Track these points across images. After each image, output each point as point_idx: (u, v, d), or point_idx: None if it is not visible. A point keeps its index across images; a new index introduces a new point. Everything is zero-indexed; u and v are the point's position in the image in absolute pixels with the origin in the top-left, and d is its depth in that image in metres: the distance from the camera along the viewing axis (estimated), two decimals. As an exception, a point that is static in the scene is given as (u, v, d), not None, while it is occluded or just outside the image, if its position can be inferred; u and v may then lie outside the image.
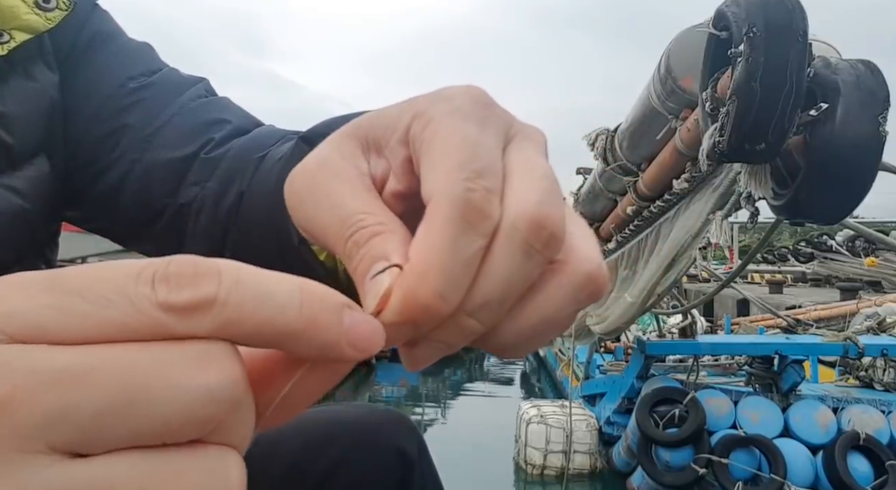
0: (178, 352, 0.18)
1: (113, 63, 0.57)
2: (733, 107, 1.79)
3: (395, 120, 0.27)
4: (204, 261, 0.19)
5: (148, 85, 0.57)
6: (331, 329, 0.20)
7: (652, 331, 5.62)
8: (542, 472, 4.40)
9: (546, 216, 0.23)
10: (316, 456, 0.64)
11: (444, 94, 0.27)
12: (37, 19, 0.51)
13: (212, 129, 0.56)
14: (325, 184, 0.26)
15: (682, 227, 2.56)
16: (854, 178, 1.89)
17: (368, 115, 0.29)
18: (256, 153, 0.53)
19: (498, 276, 0.23)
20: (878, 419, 3.39)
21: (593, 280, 0.25)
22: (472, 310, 0.23)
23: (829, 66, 1.94)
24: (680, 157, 2.42)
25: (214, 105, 0.59)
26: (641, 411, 3.50)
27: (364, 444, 0.65)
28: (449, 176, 0.24)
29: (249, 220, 0.52)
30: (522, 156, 0.26)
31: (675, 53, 2.29)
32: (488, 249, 0.23)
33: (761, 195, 2.02)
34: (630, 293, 3.03)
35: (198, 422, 0.18)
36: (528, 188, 0.24)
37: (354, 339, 0.21)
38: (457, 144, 0.24)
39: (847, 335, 3.76)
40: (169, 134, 0.56)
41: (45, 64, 0.54)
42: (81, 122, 0.56)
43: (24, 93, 0.51)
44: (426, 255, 0.23)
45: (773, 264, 12.74)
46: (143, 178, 0.55)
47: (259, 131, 0.57)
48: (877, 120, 1.88)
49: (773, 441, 3.34)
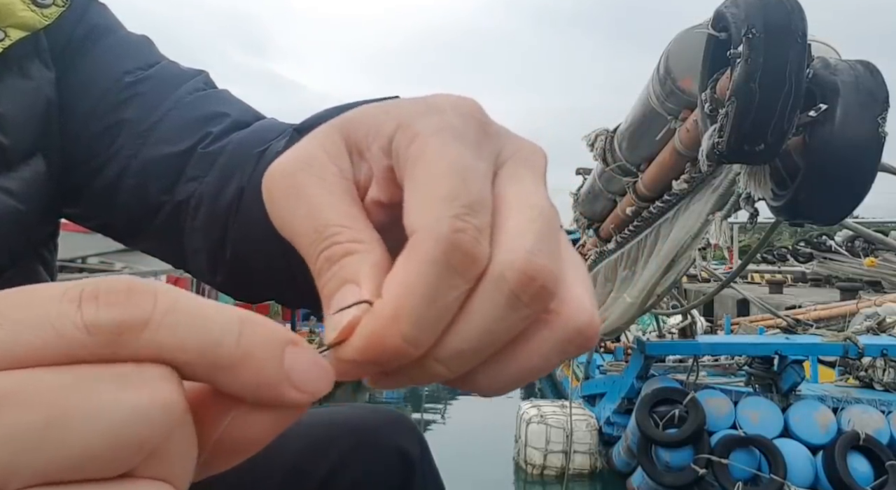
0: (104, 372, 0.17)
1: (110, 57, 0.56)
2: (732, 108, 1.79)
3: (378, 125, 0.25)
4: (141, 282, 0.18)
5: (145, 78, 0.56)
6: (269, 366, 0.19)
7: (652, 331, 5.62)
8: (542, 473, 4.40)
9: (538, 268, 0.21)
10: (317, 457, 0.63)
11: (434, 105, 0.25)
12: (33, 16, 0.50)
13: (210, 123, 0.54)
14: (304, 186, 0.24)
15: (681, 228, 2.56)
16: (853, 179, 1.89)
17: (356, 111, 0.27)
18: (257, 147, 0.52)
19: (477, 326, 0.22)
20: (877, 419, 3.39)
21: (583, 333, 0.23)
22: (442, 358, 0.22)
23: (828, 66, 1.94)
24: (679, 157, 2.43)
25: (213, 98, 0.57)
26: (641, 411, 3.49)
27: (365, 444, 0.65)
28: (435, 209, 0.21)
29: (250, 216, 0.50)
30: (516, 189, 0.24)
31: (675, 54, 2.29)
32: (470, 294, 0.22)
33: (761, 196, 2.02)
34: (629, 293, 3.03)
35: (125, 447, 0.17)
36: (520, 232, 0.22)
37: (298, 381, 0.19)
38: (445, 171, 0.22)
39: (847, 335, 3.76)
40: (166, 128, 0.54)
41: (42, 61, 0.53)
42: (79, 117, 0.55)
43: (19, 92, 0.50)
44: (400, 296, 0.21)
45: (773, 264, 12.74)
46: (140, 173, 0.54)
47: (260, 125, 0.56)
48: (876, 121, 1.89)
49: (773, 441, 3.34)
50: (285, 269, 0.48)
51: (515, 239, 0.22)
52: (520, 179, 0.24)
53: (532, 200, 0.23)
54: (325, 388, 0.20)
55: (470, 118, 0.25)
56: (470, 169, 0.23)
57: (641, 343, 3.82)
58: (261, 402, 0.20)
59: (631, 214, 3.20)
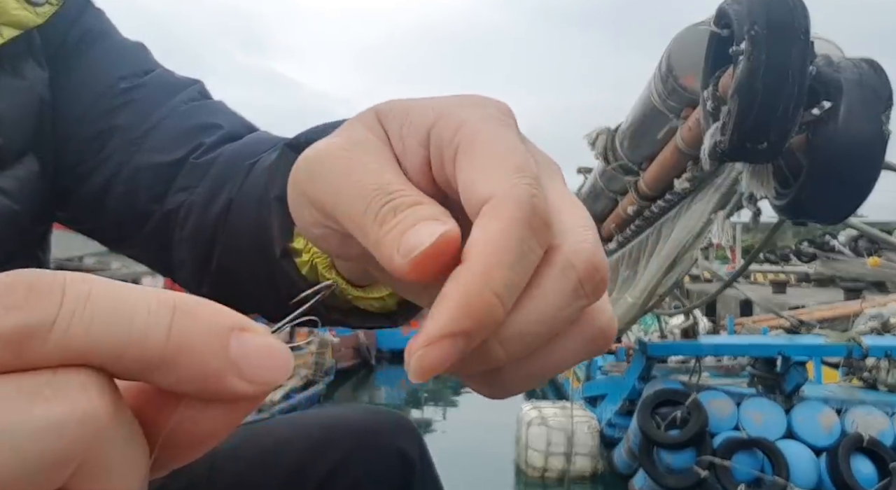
0: (12, 385, 0.15)
1: (104, 62, 0.56)
2: (735, 105, 1.77)
3: (414, 117, 0.25)
4: (45, 275, 0.16)
5: (139, 85, 0.56)
6: (211, 358, 0.17)
7: (654, 331, 5.59)
8: (543, 475, 4.38)
9: (602, 261, 0.23)
10: (317, 459, 0.63)
11: (473, 101, 0.26)
12: (27, 14, 0.50)
13: (203, 134, 0.55)
14: (363, 160, 0.24)
15: (683, 227, 2.54)
16: (857, 178, 1.87)
17: (384, 107, 0.27)
18: (247, 160, 0.51)
19: (542, 309, 0.22)
20: (881, 421, 3.36)
21: (605, 334, 0.24)
22: (505, 338, 0.22)
23: (831, 64, 1.92)
24: (681, 156, 2.40)
25: (207, 109, 0.58)
26: (643, 413, 3.47)
27: (365, 446, 0.64)
28: (511, 177, 0.22)
29: (237, 228, 0.50)
30: (560, 191, 0.25)
31: (677, 51, 2.27)
32: (535, 280, 0.22)
33: (763, 195, 2.00)
34: (631, 294, 3.01)
35: (41, 468, 0.15)
36: (583, 228, 0.23)
37: (247, 371, 0.17)
38: (507, 148, 0.23)
39: (850, 336, 3.73)
40: (158, 137, 0.54)
41: (35, 61, 0.53)
42: (70, 121, 0.54)
43: (12, 91, 0.50)
44: (490, 254, 0.21)
45: (776, 264, 12.71)
46: (130, 181, 0.54)
47: (251, 137, 0.56)
48: (880, 119, 1.86)
49: (776, 443, 3.32)
50: (269, 280, 0.47)
51: (580, 231, 0.23)
52: (555, 182, 0.25)
53: (575, 201, 0.24)
54: (281, 376, 0.18)
55: (509, 115, 0.26)
56: (526, 152, 0.23)
57: (643, 344, 3.80)
58: (207, 398, 0.18)
59: (632, 214, 3.18)
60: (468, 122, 0.24)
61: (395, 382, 9.65)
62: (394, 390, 9.23)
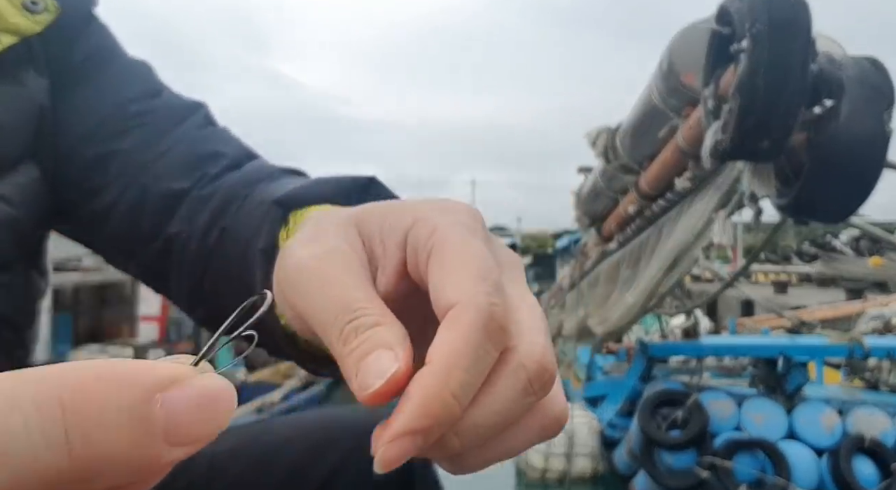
0: None
1: (113, 83, 0.57)
2: (736, 104, 1.76)
3: (393, 221, 0.28)
4: None
5: (150, 110, 0.57)
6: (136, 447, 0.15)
7: (655, 331, 5.58)
8: (544, 476, 4.37)
9: (550, 362, 0.25)
10: (317, 459, 0.63)
11: (446, 207, 0.29)
12: (25, 22, 0.51)
13: (207, 164, 0.55)
14: (334, 273, 0.27)
15: (684, 227, 2.53)
16: (859, 176, 1.86)
17: (367, 210, 0.30)
18: (244, 190, 0.53)
19: (495, 404, 0.24)
20: (883, 421, 3.35)
21: (559, 421, 0.27)
22: (461, 430, 0.24)
23: (833, 62, 1.91)
24: (682, 155, 2.39)
25: (212, 137, 0.58)
26: (644, 414, 3.46)
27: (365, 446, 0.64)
28: (473, 285, 0.24)
29: (227, 256, 0.51)
30: (519, 292, 0.27)
31: (678, 50, 2.26)
32: (491, 379, 0.24)
33: (765, 194, 1.99)
34: (632, 294, 2.99)
35: None
36: (536, 328, 0.26)
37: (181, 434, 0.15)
38: (473, 256, 0.26)
39: (852, 336, 3.72)
40: (165, 165, 0.55)
41: (35, 69, 0.53)
42: (75, 138, 0.55)
43: (11, 98, 0.51)
44: (450, 358, 0.23)
45: (778, 264, 12.69)
46: (134, 205, 0.55)
47: (250, 166, 0.57)
48: (882, 117, 1.85)
49: (778, 443, 3.31)
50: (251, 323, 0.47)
51: (533, 333, 0.25)
52: (516, 284, 0.28)
53: (532, 303, 0.27)
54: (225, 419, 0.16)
55: (478, 221, 0.28)
56: (489, 259, 0.26)
57: (644, 344, 3.78)
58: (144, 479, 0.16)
59: (633, 213, 3.17)
60: (440, 228, 0.27)
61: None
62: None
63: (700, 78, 2.05)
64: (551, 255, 20.64)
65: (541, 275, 18.74)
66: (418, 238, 0.27)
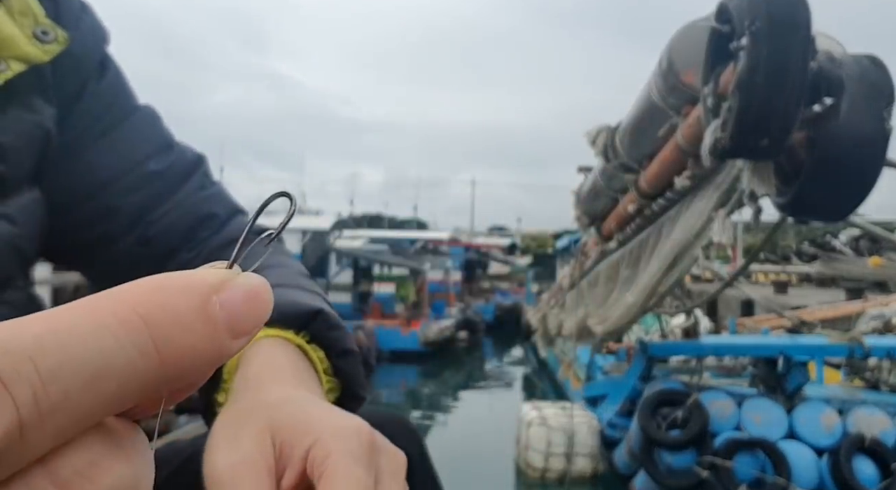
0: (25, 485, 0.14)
1: (133, 138, 0.61)
2: (735, 102, 1.75)
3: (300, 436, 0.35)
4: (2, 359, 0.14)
5: (160, 173, 0.61)
6: (208, 345, 0.17)
7: (655, 331, 5.58)
8: (543, 475, 4.36)
9: None
10: None
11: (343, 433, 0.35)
12: (35, 51, 0.53)
13: (201, 228, 0.61)
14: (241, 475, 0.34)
15: (684, 226, 2.52)
16: (859, 175, 1.85)
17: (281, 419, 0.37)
18: (221, 253, 0.59)
19: None
20: (884, 421, 3.34)
21: None
22: None
23: (833, 60, 1.90)
24: (681, 153, 2.39)
25: (209, 199, 0.63)
26: (644, 413, 3.46)
27: None
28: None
29: None
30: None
31: (677, 48, 2.25)
32: None
33: (764, 192, 1.98)
34: (631, 293, 2.99)
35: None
36: None
37: (237, 327, 0.17)
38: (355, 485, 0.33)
39: (852, 336, 3.71)
40: (164, 225, 0.60)
41: (43, 97, 0.55)
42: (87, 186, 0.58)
43: (21, 123, 0.53)
44: None
45: (777, 264, 12.68)
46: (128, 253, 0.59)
47: (233, 225, 0.63)
48: (882, 115, 1.84)
49: (778, 443, 3.30)
50: None
51: None
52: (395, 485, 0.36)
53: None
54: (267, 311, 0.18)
55: (368, 445, 0.35)
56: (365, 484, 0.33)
57: (644, 344, 3.78)
58: None
59: (633, 212, 3.16)
60: (333, 455, 0.34)
61: (396, 383, 9.63)
62: (394, 391, 9.21)
63: (700, 76, 2.04)
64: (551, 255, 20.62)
65: (541, 275, 18.72)
66: (315, 459, 0.34)
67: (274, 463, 0.36)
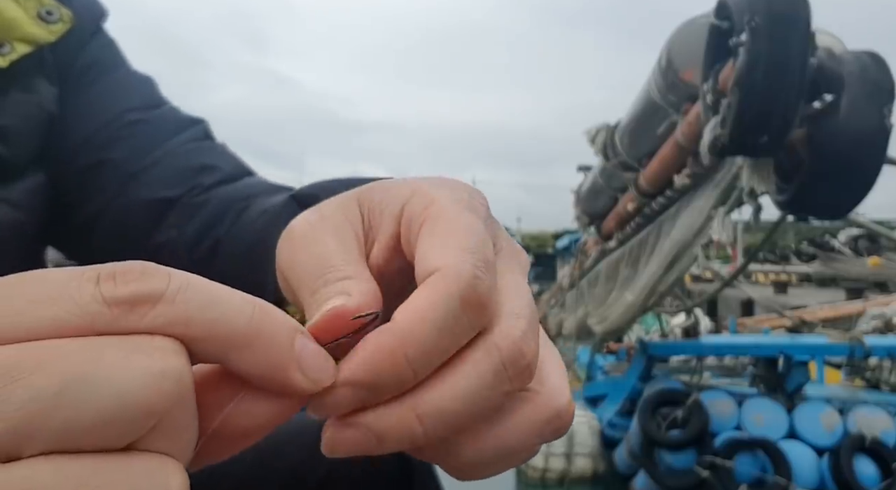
0: (118, 341, 0.18)
1: (113, 92, 0.58)
2: (735, 98, 1.75)
3: (391, 196, 0.28)
4: (154, 265, 0.19)
5: (144, 120, 0.57)
6: (281, 347, 0.20)
7: (655, 331, 5.57)
8: (544, 476, 4.35)
9: (529, 347, 0.23)
10: (317, 459, 0.61)
11: (446, 183, 0.28)
12: (39, 31, 0.52)
13: (201, 175, 0.56)
14: (320, 235, 0.27)
15: (683, 224, 2.51)
16: (859, 172, 1.84)
17: (369, 186, 0.29)
18: (240, 203, 0.53)
19: (461, 387, 0.22)
20: (884, 421, 3.33)
21: (561, 416, 0.25)
22: (423, 411, 0.22)
23: (833, 56, 1.90)
24: (681, 151, 2.38)
25: (208, 150, 0.59)
26: (644, 413, 3.45)
27: None
28: (461, 254, 0.23)
29: (222, 269, 0.50)
30: (509, 278, 0.26)
31: (677, 45, 2.25)
32: (459, 357, 0.23)
33: (764, 190, 1.97)
34: (631, 292, 2.98)
35: (135, 413, 0.17)
36: (518, 314, 0.24)
37: (306, 366, 0.20)
38: (466, 229, 0.24)
39: (853, 335, 3.70)
40: (156, 174, 0.55)
41: (46, 78, 0.54)
42: (71, 146, 0.55)
43: (23, 105, 0.52)
44: (413, 320, 0.22)
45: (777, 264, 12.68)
46: (120, 215, 0.55)
47: (246, 181, 0.57)
48: (882, 112, 1.84)
49: (778, 443, 3.29)
50: None
51: (513, 318, 0.24)
52: (512, 272, 0.26)
53: (523, 292, 0.25)
54: (329, 378, 0.21)
55: (478, 200, 0.27)
56: (484, 236, 0.25)
57: (644, 344, 3.77)
58: (268, 384, 0.20)
59: (632, 211, 3.16)
60: (437, 201, 0.26)
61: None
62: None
63: (699, 74, 2.04)
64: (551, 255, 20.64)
65: (541, 275, 18.72)
66: (413, 209, 0.26)
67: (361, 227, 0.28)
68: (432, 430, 0.22)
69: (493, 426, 0.24)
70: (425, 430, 0.22)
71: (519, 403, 0.24)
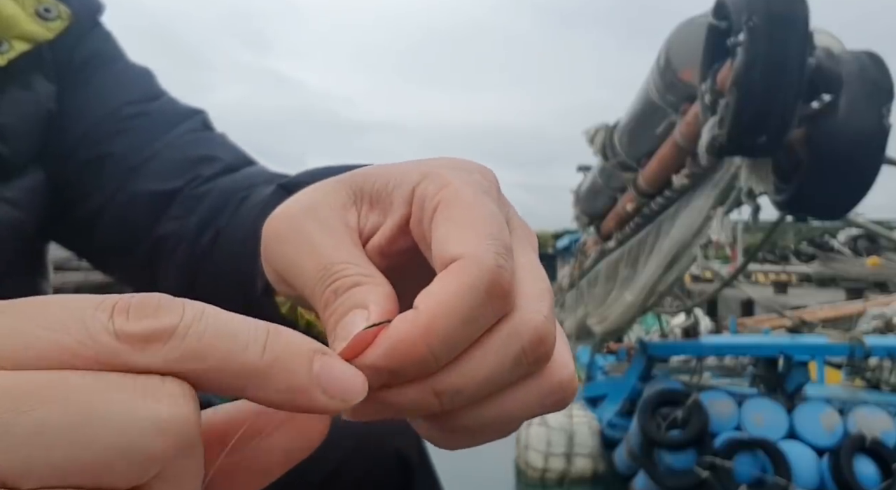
0: (129, 381, 0.18)
1: (111, 85, 0.57)
2: (733, 98, 1.75)
3: (400, 177, 0.27)
4: (168, 297, 0.19)
5: (143, 113, 0.57)
6: (299, 371, 0.19)
7: (655, 331, 5.57)
8: (543, 476, 4.34)
9: (549, 334, 0.23)
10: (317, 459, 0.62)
11: (459, 165, 0.27)
12: (38, 29, 0.52)
13: (201, 166, 0.55)
14: (309, 230, 0.26)
15: (682, 224, 2.51)
16: (858, 172, 1.84)
17: (368, 168, 0.28)
18: (240, 193, 0.52)
19: (481, 369, 0.23)
20: (885, 421, 3.33)
21: (564, 388, 0.25)
22: (440, 390, 0.23)
23: (831, 56, 1.89)
24: (680, 151, 2.38)
25: (208, 141, 0.58)
26: (644, 413, 3.44)
27: (365, 448, 0.64)
28: (482, 242, 0.23)
29: (220, 258, 0.51)
30: (528, 259, 0.26)
31: (675, 45, 2.25)
32: (480, 341, 0.23)
33: (763, 190, 1.97)
34: (631, 292, 2.98)
35: (140, 458, 0.17)
36: (538, 297, 0.24)
37: (328, 386, 0.20)
38: (485, 214, 0.24)
39: (853, 336, 3.70)
40: (156, 166, 0.55)
41: (44, 75, 0.54)
42: (71, 140, 0.55)
43: (21, 103, 0.52)
44: (437, 310, 0.22)
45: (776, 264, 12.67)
46: (123, 208, 0.55)
47: (248, 170, 0.56)
48: (880, 112, 1.83)
49: (778, 443, 3.29)
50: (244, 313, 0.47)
51: (534, 302, 0.24)
52: (527, 252, 0.26)
53: (541, 274, 0.25)
54: (358, 395, 0.20)
55: (492, 182, 0.27)
56: (501, 220, 0.24)
57: (644, 344, 3.77)
58: (291, 409, 0.20)
59: (631, 211, 3.16)
60: (452, 184, 0.25)
61: (396, 384, 9.60)
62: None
63: (698, 74, 2.03)
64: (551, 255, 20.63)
65: (541, 276, 18.70)
66: (426, 192, 0.25)
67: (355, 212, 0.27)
68: (449, 405, 0.23)
69: (498, 396, 0.24)
70: (442, 406, 0.23)
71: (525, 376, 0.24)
